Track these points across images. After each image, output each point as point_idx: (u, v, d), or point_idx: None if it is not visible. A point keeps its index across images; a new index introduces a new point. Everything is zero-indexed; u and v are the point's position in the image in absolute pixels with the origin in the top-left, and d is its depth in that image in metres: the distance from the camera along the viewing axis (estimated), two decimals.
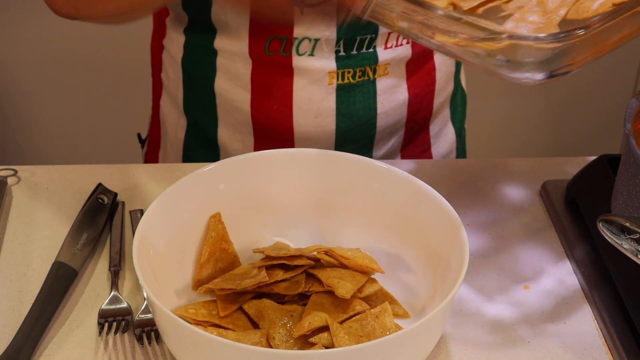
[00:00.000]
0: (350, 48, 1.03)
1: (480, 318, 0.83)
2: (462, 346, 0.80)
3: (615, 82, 2.08)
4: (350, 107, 1.07)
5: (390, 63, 1.06)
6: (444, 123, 1.19)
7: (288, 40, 1.02)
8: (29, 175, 1.01)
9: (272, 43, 1.02)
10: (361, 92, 1.06)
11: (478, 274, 0.88)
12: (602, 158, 0.96)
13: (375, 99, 1.07)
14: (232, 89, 1.08)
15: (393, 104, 1.09)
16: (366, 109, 1.07)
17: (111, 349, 0.79)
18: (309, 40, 1.02)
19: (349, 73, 1.04)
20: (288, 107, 1.06)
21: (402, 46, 1.05)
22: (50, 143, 2.08)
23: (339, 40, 1.02)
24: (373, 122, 1.09)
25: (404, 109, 1.11)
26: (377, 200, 0.87)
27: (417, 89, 1.10)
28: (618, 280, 0.84)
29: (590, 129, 2.15)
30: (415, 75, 1.10)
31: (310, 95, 1.05)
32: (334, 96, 1.05)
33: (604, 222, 0.73)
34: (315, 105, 1.06)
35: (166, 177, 1.01)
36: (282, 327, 0.78)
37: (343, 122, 1.07)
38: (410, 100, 1.10)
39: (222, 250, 0.85)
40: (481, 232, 0.94)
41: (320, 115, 1.06)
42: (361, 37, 1.02)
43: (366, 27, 1.02)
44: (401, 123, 1.12)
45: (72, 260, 0.86)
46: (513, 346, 0.80)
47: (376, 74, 1.05)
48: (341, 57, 1.03)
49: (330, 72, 1.04)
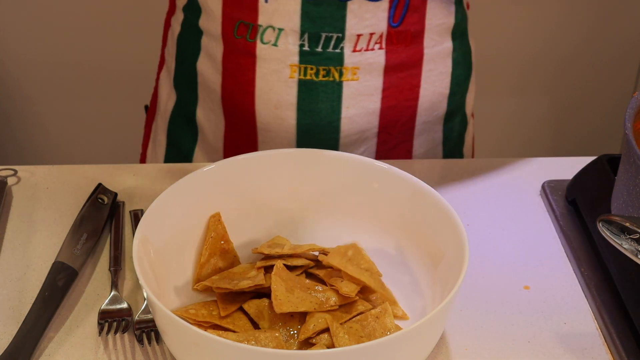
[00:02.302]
0: (316, 45, 1.02)
1: (480, 318, 0.83)
2: (462, 346, 0.80)
3: (615, 82, 2.08)
4: (311, 105, 1.06)
5: (360, 68, 1.04)
6: (432, 145, 1.16)
7: (253, 27, 1.02)
8: (29, 175, 1.01)
9: (240, 28, 1.03)
10: (324, 92, 1.05)
11: (478, 274, 0.88)
12: (602, 158, 0.96)
13: (339, 101, 1.06)
14: (209, 70, 1.10)
15: (361, 110, 1.07)
16: (329, 110, 1.06)
17: (111, 349, 0.79)
18: (272, 29, 1.02)
19: (311, 70, 1.04)
20: (250, 95, 1.07)
21: (372, 51, 1.04)
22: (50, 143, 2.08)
23: (303, 33, 1.02)
24: (336, 125, 1.07)
25: (374, 119, 1.08)
26: (377, 200, 0.87)
27: (393, 101, 1.08)
28: (618, 280, 0.84)
29: (590, 129, 2.15)
30: (393, 87, 1.07)
31: (271, 86, 1.05)
32: (295, 90, 1.05)
33: (604, 222, 0.73)
34: (276, 96, 1.06)
35: (166, 177, 1.01)
36: (283, 327, 0.78)
37: (304, 119, 1.06)
38: (383, 111, 1.08)
39: (222, 250, 0.85)
40: (481, 232, 0.94)
41: (280, 107, 1.06)
42: (326, 34, 1.02)
43: (332, 25, 1.01)
44: (371, 132, 1.10)
45: (72, 260, 0.86)
46: (513, 346, 0.80)
47: (343, 77, 1.04)
48: (305, 52, 1.03)
49: (292, 65, 1.03)
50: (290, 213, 0.89)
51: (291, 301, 0.78)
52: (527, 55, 2.01)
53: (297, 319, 0.79)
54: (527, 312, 0.84)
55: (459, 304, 0.84)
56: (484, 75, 2.04)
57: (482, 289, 0.87)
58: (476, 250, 0.91)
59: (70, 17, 1.86)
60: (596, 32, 2.00)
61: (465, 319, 0.83)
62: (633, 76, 2.09)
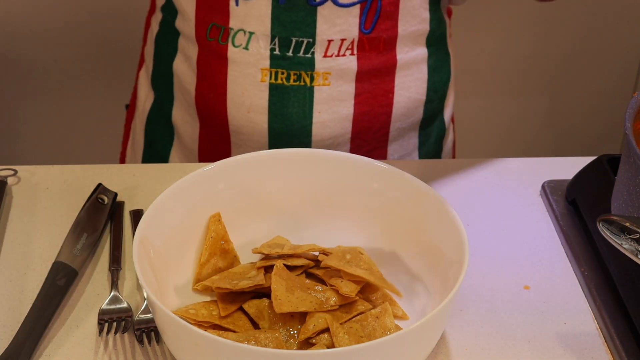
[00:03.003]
0: (286, 49, 1.02)
1: (480, 318, 0.83)
2: (462, 346, 0.80)
3: (615, 82, 2.08)
4: (283, 109, 1.06)
5: (331, 73, 1.04)
6: (407, 151, 1.16)
7: (225, 30, 1.03)
8: (29, 175, 1.01)
9: (212, 30, 1.04)
10: (295, 97, 1.05)
11: (478, 274, 0.88)
12: (602, 158, 0.96)
13: (311, 106, 1.06)
14: (185, 71, 1.10)
15: (333, 116, 1.07)
16: (300, 115, 1.06)
17: (111, 349, 0.79)
18: (243, 33, 1.02)
19: (282, 74, 1.04)
20: (223, 97, 1.07)
21: (344, 57, 1.04)
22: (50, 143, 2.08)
23: (273, 37, 1.02)
24: (308, 129, 1.07)
25: (346, 124, 1.08)
26: (377, 200, 0.87)
27: (366, 107, 1.08)
28: (618, 280, 0.84)
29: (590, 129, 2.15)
30: (366, 93, 1.07)
31: (243, 89, 1.05)
32: (267, 94, 1.05)
33: (604, 222, 0.73)
34: (247, 99, 1.06)
35: (166, 177, 1.01)
36: (283, 327, 0.78)
37: (275, 123, 1.07)
38: (356, 117, 1.08)
39: (222, 250, 0.85)
40: (481, 232, 0.94)
41: (252, 110, 1.06)
42: (297, 39, 1.02)
43: (302, 30, 1.02)
44: (344, 138, 1.09)
45: (72, 260, 0.86)
46: (513, 346, 0.80)
47: (314, 82, 1.04)
48: (276, 56, 1.03)
49: (263, 69, 1.04)
50: (290, 213, 0.89)
51: (291, 301, 0.78)
52: (527, 55, 2.01)
53: (297, 319, 0.79)
54: (527, 312, 0.84)
55: (459, 304, 0.84)
56: (484, 75, 2.04)
57: (482, 289, 0.87)
58: (476, 250, 0.91)
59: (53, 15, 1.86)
60: (596, 32, 2.00)
61: (465, 319, 0.83)
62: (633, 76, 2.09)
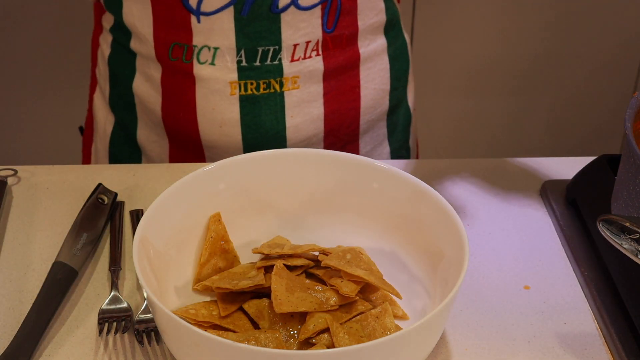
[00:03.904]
0: (253, 59, 1.02)
1: (480, 318, 0.83)
2: (462, 346, 0.80)
3: (615, 82, 2.08)
4: (255, 119, 1.05)
5: (300, 76, 1.04)
6: (377, 142, 1.17)
7: (189, 48, 1.02)
8: (29, 175, 1.01)
9: (174, 49, 1.02)
10: (267, 105, 1.05)
11: (478, 274, 0.88)
12: (602, 158, 0.96)
13: (283, 112, 1.06)
14: (147, 91, 1.09)
15: (305, 117, 1.07)
16: (273, 122, 1.06)
17: (111, 349, 0.79)
18: (208, 49, 1.01)
19: (252, 84, 1.03)
20: (192, 115, 1.06)
21: (310, 59, 1.04)
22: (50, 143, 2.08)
23: (239, 50, 1.01)
24: (282, 134, 1.07)
25: (319, 124, 1.09)
26: (377, 200, 0.87)
27: (335, 105, 1.08)
28: (618, 280, 0.84)
29: (590, 129, 2.15)
30: (334, 91, 1.08)
31: (213, 105, 1.05)
32: (238, 107, 1.05)
33: (604, 222, 0.73)
34: (219, 114, 1.05)
35: (166, 177, 1.01)
36: (283, 327, 0.78)
37: (249, 133, 1.06)
38: (327, 116, 1.08)
39: (222, 250, 0.85)
40: (481, 232, 0.94)
41: (224, 124, 1.06)
42: (263, 48, 1.01)
43: (267, 38, 1.01)
44: (318, 138, 1.10)
45: (72, 260, 0.86)
46: (513, 346, 0.80)
47: (284, 87, 1.04)
48: (243, 67, 1.02)
49: (232, 83, 1.03)
50: (290, 213, 0.89)
51: (291, 301, 0.78)
52: (527, 55, 2.01)
53: (297, 319, 0.79)
54: (527, 312, 0.84)
55: (459, 304, 0.84)
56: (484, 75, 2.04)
57: (482, 289, 0.87)
58: (476, 250, 0.91)
59: None
60: (596, 32, 1.99)
61: (465, 319, 0.83)
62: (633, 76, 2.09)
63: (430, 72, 1.94)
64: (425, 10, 1.91)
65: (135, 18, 1.03)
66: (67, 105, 2.00)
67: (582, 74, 2.06)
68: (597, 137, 2.16)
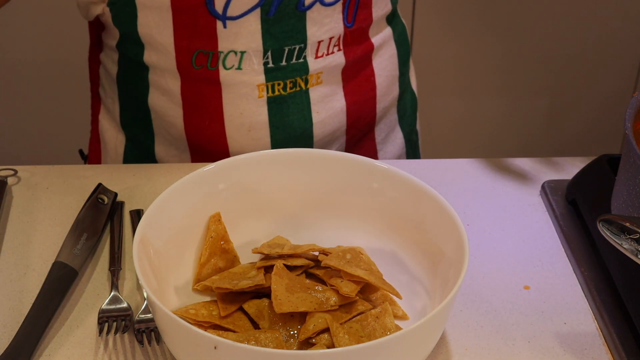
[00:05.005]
0: (280, 59, 1.02)
1: (480, 318, 0.83)
2: (462, 346, 0.80)
3: (615, 82, 2.08)
4: (283, 119, 1.05)
5: (323, 72, 1.05)
6: (390, 128, 1.18)
7: (214, 54, 1.01)
8: (29, 175, 1.01)
9: (198, 57, 1.01)
10: (294, 103, 1.05)
11: (478, 274, 0.88)
12: (602, 158, 0.96)
13: (309, 109, 1.06)
14: (165, 105, 1.07)
15: (330, 112, 1.08)
16: (301, 120, 1.06)
17: (111, 349, 0.79)
18: (234, 54, 1.00)
19: (279, 85, 1.03)
20: (219, 122, 1.05)
21: (333, 54, 1.04)
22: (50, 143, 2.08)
23: (266, 51, 1.01)
24: (309, 132, 1.07)
25: (342, 117, 1.09)
26: (377, 200, 0.87)
27: (355, 96, 1.09)
28: (618, 280, 0.84)
29: (590, 129, 2.15)
30: (352, 82, 1.08)
31: (241, 110, 1.04)
32: (266, 109, 1.04)
33: (604, 222, 0.73)
34: (247, 119, 1.05)
35: (166, 177, 1.01)
36: (283, 327, 0.78)
37: (278, 135, 1.06)
38: (349, 108, 1.09)
39: (222, 250, 0.85)
40: (481, 232, 0.94)
41: (253, 128, 1.05)
42: (289, 47, 1.01)
43: (294, 37, 1.01)
44: (341, 131, 1.11)
45: (72, 260, 0.86)
46: (513, 346, 0.80)
47: (308, 84, 1.04)
48: (270, 69, 1.02)
49: (260, 85, 1.03)
50: (290, 213, 0.89)
51: (291, 301, 0.78)
52: (528, 55, 2.02)
53: (297, 319, 0.79)
54: (527, 312, 0.84)
55: (459, 304, 0.84)
56: (484, 74, 2.04)
57: (482, 289, 0.87)
58: (476, 250, 0.91)
59: None
60: (596, 32, 2.00)
61: (465, 319, 0.83)
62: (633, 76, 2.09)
63: (430, 72, 1.94)
64: (425, 9, 1.91)
65: (153, 28, 1.01)
66: (67, 105, 2.00)
67: (582, 73, 2.06)
68: (597, 137, 2.16)
